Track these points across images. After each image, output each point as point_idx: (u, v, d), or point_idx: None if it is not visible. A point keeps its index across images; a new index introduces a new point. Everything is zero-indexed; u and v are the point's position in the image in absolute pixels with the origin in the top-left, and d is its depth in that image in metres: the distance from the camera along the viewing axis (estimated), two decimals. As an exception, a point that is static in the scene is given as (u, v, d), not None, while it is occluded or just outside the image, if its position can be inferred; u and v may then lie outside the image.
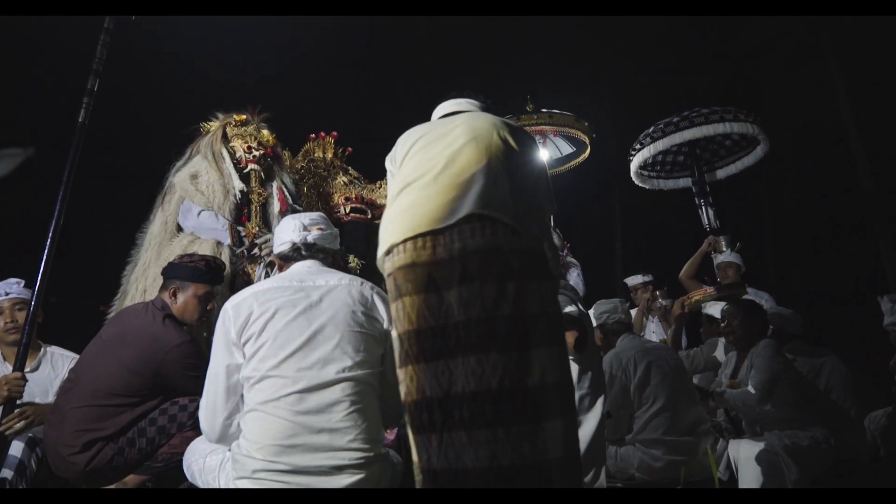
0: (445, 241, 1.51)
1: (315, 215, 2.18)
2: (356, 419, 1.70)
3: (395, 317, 1.56)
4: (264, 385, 1.70)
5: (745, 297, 4.00)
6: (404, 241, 1.55)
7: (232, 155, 3.50)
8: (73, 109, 2.63)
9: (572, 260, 4.87)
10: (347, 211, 4.08)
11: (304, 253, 2.04)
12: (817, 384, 3.29)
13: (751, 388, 2.98)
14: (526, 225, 1.58)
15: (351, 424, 1.69)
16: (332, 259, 2.11)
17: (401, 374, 1.54)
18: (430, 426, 1.46)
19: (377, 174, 4.35)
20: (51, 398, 2.86)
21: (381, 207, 4.20)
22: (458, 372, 1.45)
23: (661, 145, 4.70)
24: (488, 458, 1.40)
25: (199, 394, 1.90)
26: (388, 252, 1.60)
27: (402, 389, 1.53)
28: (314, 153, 4.36)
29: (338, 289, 1.87)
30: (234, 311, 1.81)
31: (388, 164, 1.85)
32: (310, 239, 2.05)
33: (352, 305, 1.84)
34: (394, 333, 1.57)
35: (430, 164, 1.64)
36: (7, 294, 2.85)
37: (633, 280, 5.35)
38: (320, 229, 2.09)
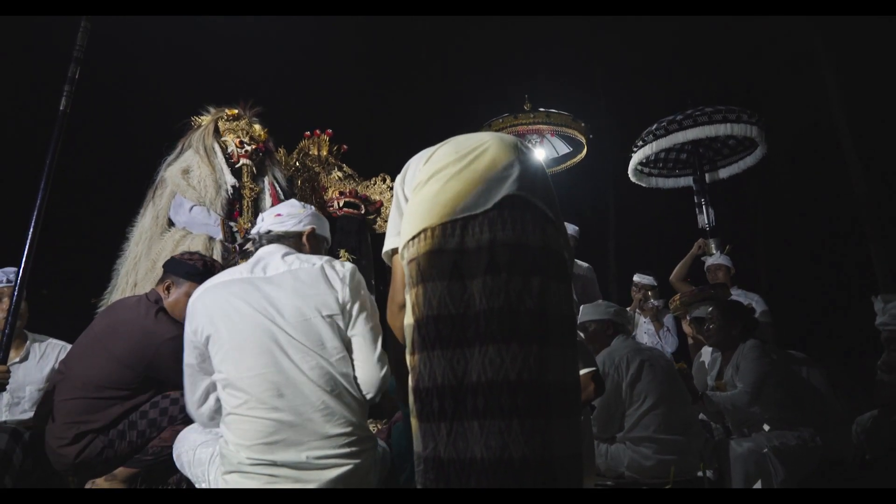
0: (474, 231, 1.51)
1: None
2: (333, 404, 1.69)
3: (413, 302, 1.53)
4: (236, 389, 1.69)
5: (731, 297, 4.02)
6: (433, 227, 1.53)
7: (224, 149, 3.49)
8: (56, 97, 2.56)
9: None
10: (341, 205, 4.06)
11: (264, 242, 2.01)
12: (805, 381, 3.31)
13: (739, 391, 3.00)
14: (557, 213, 1.62)
15: (329, 411, 1.68)
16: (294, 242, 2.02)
17: (412, 360, 1.51)
18: (440, 414, 1.44)
19: (371, 171, 4.36)
20: (43, 386, 2.86)
21: (375, 203, 4.20)
22: (474, 361, 1.44)
23: (664, 143, 4.71)
24: (499, 449, 1.39)
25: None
26: (414, 238, 1.56)
27: (412, 376, 1.50)
28: (309, 150, 4.36)
29: (287, 275, 1.83)
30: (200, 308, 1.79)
31: (398, 178, 1.80)
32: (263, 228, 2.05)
33: (304, 290, 1.79)
34: (409, 320, 1.54)
35: (458, 155, 1.63)
36: (9, 281, 2.85)
37: (646, 280, 5.17)
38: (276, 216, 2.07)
